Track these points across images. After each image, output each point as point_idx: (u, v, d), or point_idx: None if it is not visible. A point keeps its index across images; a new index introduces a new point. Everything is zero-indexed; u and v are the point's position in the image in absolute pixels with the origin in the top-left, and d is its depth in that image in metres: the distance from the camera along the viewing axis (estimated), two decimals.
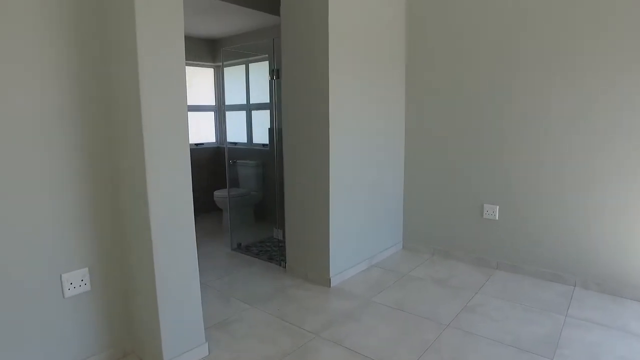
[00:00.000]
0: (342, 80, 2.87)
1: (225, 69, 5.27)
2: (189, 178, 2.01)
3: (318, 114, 2.86)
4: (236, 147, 5.11)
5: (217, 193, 4.51)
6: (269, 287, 3.01)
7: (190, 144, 5.23)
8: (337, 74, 2.82)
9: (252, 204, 4.72)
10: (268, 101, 4.59)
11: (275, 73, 3.29)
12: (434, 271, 3.26)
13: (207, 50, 5.09)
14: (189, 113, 5.36)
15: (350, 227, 3.14)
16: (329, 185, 2.88)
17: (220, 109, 5.36)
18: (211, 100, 5.38)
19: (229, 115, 5.34)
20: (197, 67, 5.14)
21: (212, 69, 5.31)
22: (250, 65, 4.89)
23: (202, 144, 5.26)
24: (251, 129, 5.03)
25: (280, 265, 3.43)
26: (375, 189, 3.37)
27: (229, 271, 3.33)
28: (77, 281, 1.93)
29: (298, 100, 2.99)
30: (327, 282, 3.00)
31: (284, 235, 3.34)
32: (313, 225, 3.04)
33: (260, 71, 4.81)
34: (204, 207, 5.18)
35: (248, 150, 4.95)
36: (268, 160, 4.62)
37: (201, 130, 5.38)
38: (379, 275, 3.21)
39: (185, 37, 5.11)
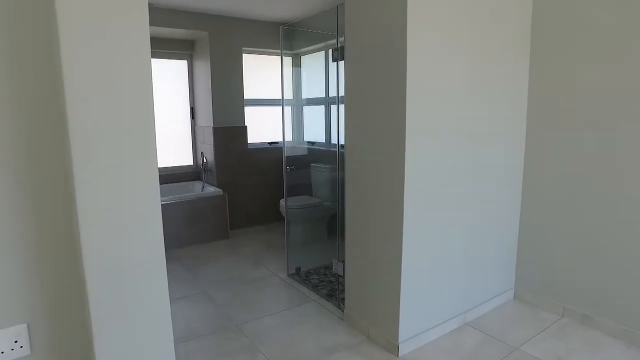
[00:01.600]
0: (427, 59, 1.93)
1: (302, 57, 4.59)
2: (157, 213, 1.31)
3: (390, 107, 1.97)
4: (313, 147, 4.41)
5: (283, 202, 3.84)
6: (315, 343, 2.21)
7: (263, 143, 4.70)
8: (420, 49, 1.89)
9: (324, 217, 3.96)
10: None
11: (339, 52, 2.46)
12: (566, 349, 2.12)
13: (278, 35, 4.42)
14: (258, 108, 4.87)
15: (433, 268, 2.18)
16: (402, 207, 1.97)
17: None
18: (288, 93, 4.74)
19: (307, 110, 4.65)
20: (267, 56, 4.53)
21: (290, 58, 4.66)
22: (330, 51, 4.12)
23: (277, 142, 4.66)
24: (330, 127, 4.27)
25: (339, 307, 2.61)
26: (474, 213, 2.34)
27: (273, 309, 2.62)
28: (7, 343, 1.36)
29: (364, 87, 2.12)
30: (394, 349, 2.10)
31: (344, 270, 2.51)
32: (379, 262, 2.16)
33: None
34: (276, 215, 4.58)
35: (325, 152, 4.20)
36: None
37: (277, 127, 4.78)
38: (475, 343, 2.19)
39: (249, 20, 4.57)
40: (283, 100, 3.18)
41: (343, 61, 2.36)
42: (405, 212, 1.97)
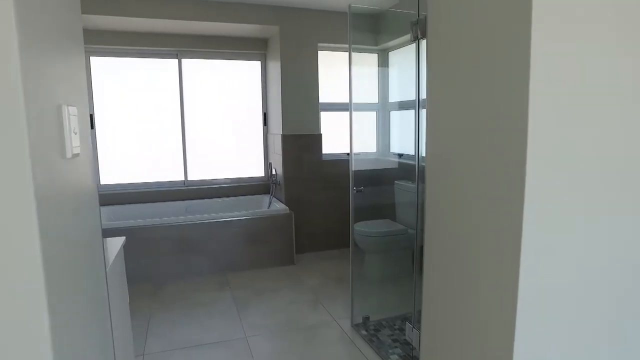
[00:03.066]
0: (572, 33, 1.10)
1: (390, 53, 3.87)
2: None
3: (499, 111, 1.18)
4: (400, 160, 3.65)
5: (358, 227, 3.15)
6: None
7: (340, 154, 4.06)
8: (558, 16, 1.07)
9: (409, 249, 3.17)
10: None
11: (418, 27, 1.72)
12: None
13: (361, 28, 3.75)
14: (337, 113, 4.20)
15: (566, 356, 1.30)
16: (517, 267, 1.14)
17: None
18: (373, 97, 4.04)
19: (395, 116, 3.91)
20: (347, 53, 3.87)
21: (376, 55, 3.96)
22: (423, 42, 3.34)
23: (357, 154, 3.97)
24: (419, 135, 3.47)
25: None
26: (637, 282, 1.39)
27: None
28: None
29: (455, 76, 1.36)
30: None
31: (420, 341, 1.72)
32: (476, 342, 1.35)
33: None
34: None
35: (413, 167, 3.41)
36: None
37: (360, 135, 4.11)
38: None
39: (326, 11, 3.80)
40: (351, 103, 2.51)
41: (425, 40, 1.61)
42: (522, 270, 1.15)
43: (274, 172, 3.85)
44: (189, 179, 3.89)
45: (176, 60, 3.71)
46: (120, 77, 3.64)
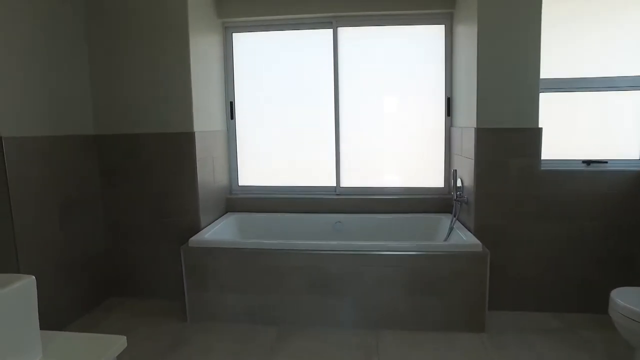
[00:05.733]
0: None
1: None
2: None
3: None
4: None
5: (619, 297, 1.71)
6: None
7: (572, 161, 2.53)
8: None
9: None
10: None
11: None
12: None
13: None
14: (569, 95, 2.49)
15: None
16: None
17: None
18: (637, 66, 2.41)
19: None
20: None
21: None
22: None
23: (603, 162, 2.42)
24: None
25: None
26: None
27: None
28: None
29: None
30: None
31: None
32: None
33: None
34: (598, 303, 2.39)
35: None
36: None
37: (607, 132, 2.52)
38: None
39: None
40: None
41: None
42: None
43: (459, 184, 2.63)
44: (341, 185, 2.99)
45: (330, 31, 2.83)
46: (261, 56, 2.97)
